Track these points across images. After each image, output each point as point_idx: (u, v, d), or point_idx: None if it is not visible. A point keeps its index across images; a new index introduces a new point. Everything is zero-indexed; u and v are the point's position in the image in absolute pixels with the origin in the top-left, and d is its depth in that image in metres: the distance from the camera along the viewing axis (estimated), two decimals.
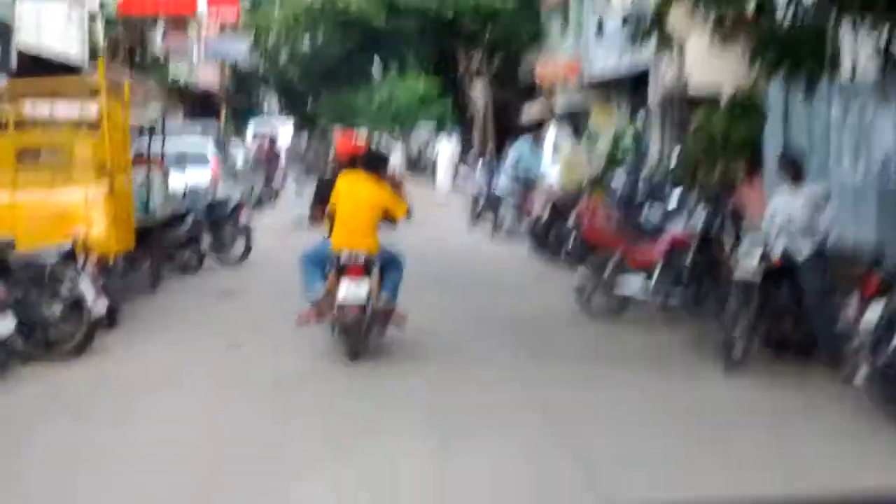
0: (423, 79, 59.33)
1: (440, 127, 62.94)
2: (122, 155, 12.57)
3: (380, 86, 77.47)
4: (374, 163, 10.82)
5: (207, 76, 41.39)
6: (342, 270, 10.06)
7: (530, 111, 44.36)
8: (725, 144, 21.80)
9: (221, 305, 13.78)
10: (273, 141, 33.95)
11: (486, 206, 23.07)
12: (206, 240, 16.80)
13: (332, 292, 10.13)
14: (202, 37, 39.94)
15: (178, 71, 36.28)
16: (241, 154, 27.64)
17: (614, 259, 13.03)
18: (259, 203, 29.31)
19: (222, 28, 43.43)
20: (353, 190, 10.34)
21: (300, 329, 10.85)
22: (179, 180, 17.93)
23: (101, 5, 29.69)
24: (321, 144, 27.43)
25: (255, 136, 41.33)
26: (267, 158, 31.25)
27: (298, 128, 46.11)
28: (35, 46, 22.57)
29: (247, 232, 17.46)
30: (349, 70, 52.46)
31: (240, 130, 45.81)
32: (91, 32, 29.47)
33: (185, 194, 17.22)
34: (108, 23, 30.95)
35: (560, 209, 17.50)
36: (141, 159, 14.60)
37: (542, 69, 39.01)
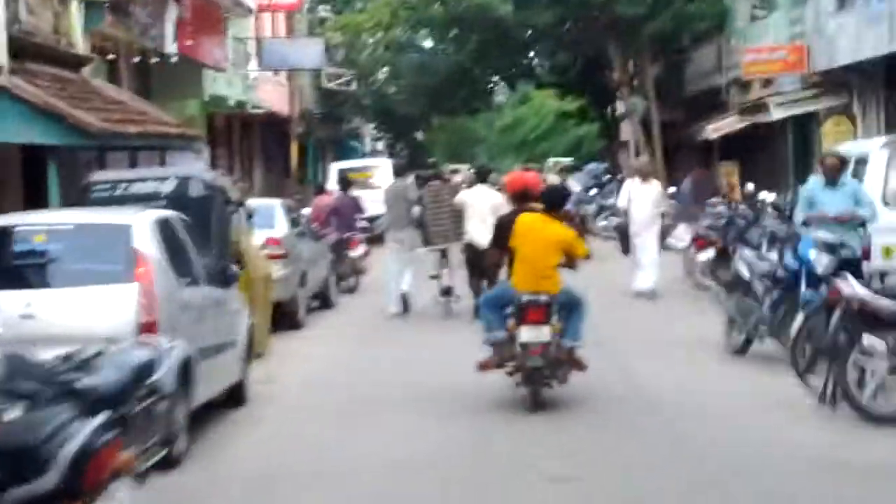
0: (561, 94, 46.27)
1: (579, 156, 49.80)
2: None
3: (506, 107, 64.09)
4: (553, 199, 10.00)
5: (271, 95, 29.06)
6: (523, 313, 9.31)
7: (717, 126, 31.21)
8: None
9: None
10: (347, 185, 20.70)
11: (784, 316, 10.08)
12: None
13: (513, 336, 9.42)
14: (259, 39, 27.51)
15: (222, 86, 24.08)
16: (284, 218, 15.01)
17: None
18: (323, 298, 16.79)
19: (289, 29, 31.05)
20: (534, 229, 9.69)
21: None
22: None
23: None
24: (440, 191, 15.39)
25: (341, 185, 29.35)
26: (334, 217, 18.53)
27: (403, 168, 33.12)
28: None
29: None
30: (466, 86, 39.82)
31: (323, 173, 33.66)
32: (58, 19, 17.41)
33: None
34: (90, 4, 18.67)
35: None
36: None
37: (751, 62, 25.88)
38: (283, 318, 14.13)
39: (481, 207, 14.22)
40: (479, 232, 13.80)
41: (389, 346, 13.31)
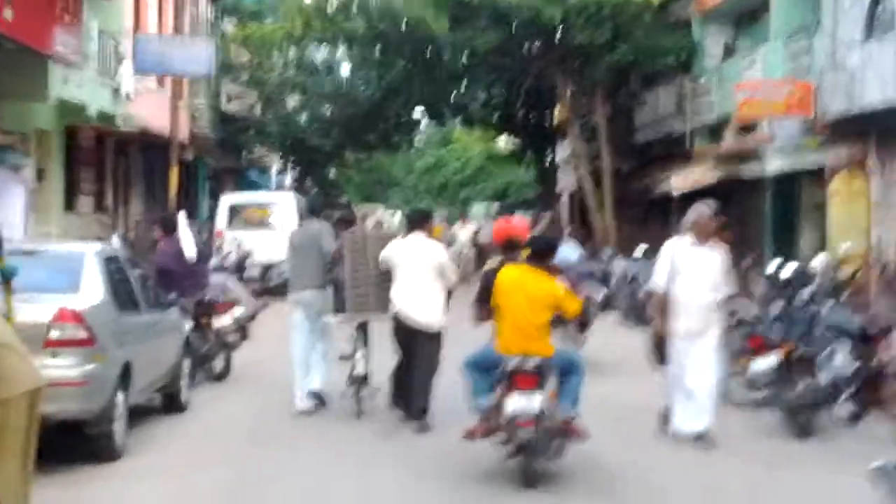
0: (493, 133, 40.91)
1: (505, 205, 44.50)
2: None
3: (427, 147, 58.32)
4: (542, 251, 8.70)
5: (152, 111, 23.10)
6: (511, 379, 8.18)
7: (685, 178, 26.14)
8: None
9: None
10: (171, 228, 13.27)
11: None
12: None
13: (501, 405, 8.20)
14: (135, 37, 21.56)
15: (76, 90, 18.13)
16: (99, 276, 8.93)
17: None
18: (170, 396, 10.83)
19: (178, 30, 25.07)
20: (520, 284, 8.48)
21: None
22: None
23: None
24: (365, 240, 10.80)
25: (230, 225, 23.84)
26: (166, 279, 12.02)
27: (318, 205, 27.16)
28: None
29: None
30: (387, 119, 34.24)
31: (215, 207, 27.89)
32: None
33: None
34: None
35: None
36: None
37: (747, 101, 20.73)
38: (86, 444, 8.33)
39: (417, 267, 10.00)
40: (413, 301, 9.97)
41: (269, 485, 7.73)
